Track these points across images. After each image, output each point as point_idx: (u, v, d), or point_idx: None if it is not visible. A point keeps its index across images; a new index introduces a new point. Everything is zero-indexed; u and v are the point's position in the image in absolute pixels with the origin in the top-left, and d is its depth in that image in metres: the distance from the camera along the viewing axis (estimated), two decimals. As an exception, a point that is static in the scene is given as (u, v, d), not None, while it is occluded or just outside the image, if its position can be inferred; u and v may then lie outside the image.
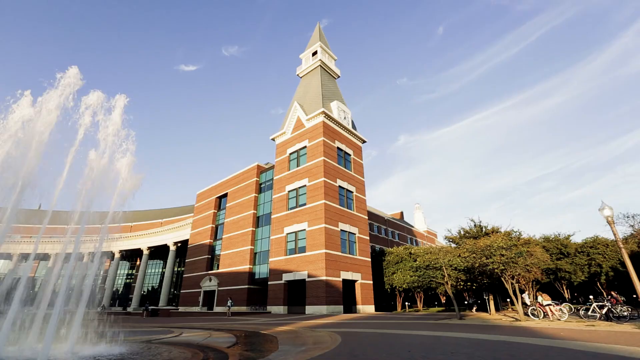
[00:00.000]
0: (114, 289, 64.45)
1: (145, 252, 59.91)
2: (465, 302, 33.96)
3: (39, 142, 7.97)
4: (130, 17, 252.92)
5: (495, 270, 18.17)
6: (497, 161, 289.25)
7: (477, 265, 19.69)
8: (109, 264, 62.32)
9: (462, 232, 32.19)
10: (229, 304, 30.92)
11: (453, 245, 32.09)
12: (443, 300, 42.89)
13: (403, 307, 41.87)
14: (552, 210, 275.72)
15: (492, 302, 23.87)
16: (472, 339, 9.51)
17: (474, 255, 19.89)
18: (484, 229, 30.46)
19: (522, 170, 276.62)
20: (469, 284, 26.41)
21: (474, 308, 26.99)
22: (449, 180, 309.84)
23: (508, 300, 27.95)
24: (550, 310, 17.36)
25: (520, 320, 16.38)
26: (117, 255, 61.73)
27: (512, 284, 18.41)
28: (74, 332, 7.31)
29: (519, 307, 17.37)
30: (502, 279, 18.50)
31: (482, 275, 22.05)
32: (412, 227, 78.68)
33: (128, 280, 69.36)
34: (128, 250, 62.58)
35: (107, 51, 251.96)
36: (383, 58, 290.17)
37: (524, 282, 21.28)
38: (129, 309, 55.27)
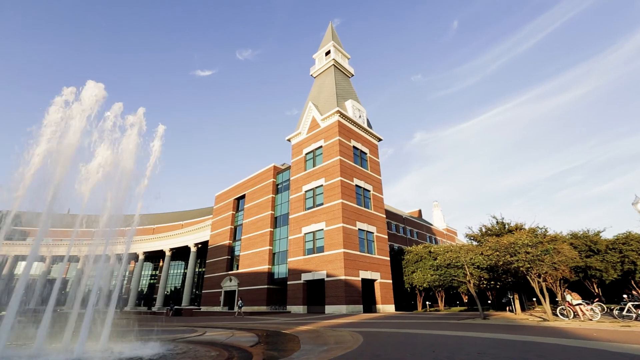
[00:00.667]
0: (139, 289, 66.63)
1: (168, 253, 61.60)
2: (489, 302, 33.06)
3: (68, 151, 8.35)
4: (144, 23, 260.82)
5: (521, 268, 17.59)
6: (517, 156, 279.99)
7: (501, 263, 19.11)
8: (134, 265, 64.49)
9: (483, 230, 31.30)
10: (239, 304, 31.35)
11: (474, 243, 31.27)
12: (465, 299, 41.91)
13: (424, 306, 41.20)
14: (579, 205, 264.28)
15: (517, 302, 23.12)
16: (499, 339, 9.25)
17: (498, 253, 19.31)
18: (506, 226, 29.51)
19: (544, 164, 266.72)
20: (492, 282, 25.69)
21: (508, 308, 25.52)
22: (467, 177, 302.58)
23: (534, 299, 27.02)
24: (581, 310, 16.62)
25: (548, 321, 15.79)
26: (141, 257, 63.79)
27: (538, 282, 17.77)
28: (106, 331, 7.61)
29: (546, 306, 16.75)
30: (528, 277, 17.89)
31: (506, 273, 21.42)
32: (431, 225, 77.31)
33: (152, 281, 71.56)
34: (151, 252, 64.55)
35: (126, 59, 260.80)
36: (397, 55, 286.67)
37: (551, 281, 20.49)
38: (154, 309, 57.03)
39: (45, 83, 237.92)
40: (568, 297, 17.45)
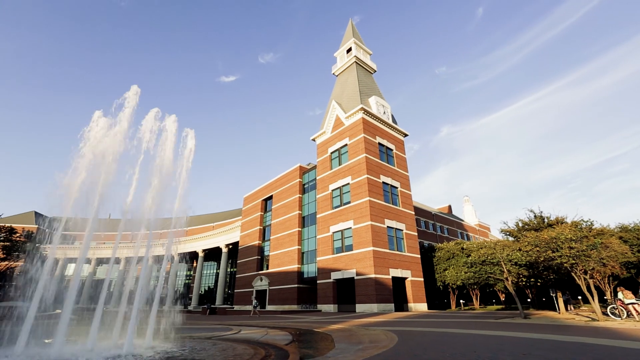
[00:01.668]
0: (175, 289, 69.77)
1: (201, 254, 63.91)
2: (528, 300, 31.37)
3: (110, 161, 8.87)
4: (173, 37, 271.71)
5: (564, 264, 16.54)
6: (552, 147, 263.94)
7: (542, 259, 18.07)
8: (170, 266, 67.52)
9: (520, 225, 29.82)
10: (254, 303, 31.74)
11: (511, 238, 29.87)
12: (502, 297, 40.10)
13: (457, 305, 39.93)
14: (627, 196, 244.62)
15: (560, 300, 21.79)
16: (544, 340, 8.74)
17: (538, 248, 18.28)
18: (545, 220, 27.91)
19: (584, 154, 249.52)
20: (532, 280, 24.39)
21: (569, 306, 23.46)
22: (498, 170, 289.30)
23: (579, 297, 25.37)
24: (635, 309, 15.36)
25: (598, 320, 14.75)
26: (176, 258, 66.67)
27: (585, 279, 16.62)
28: (150, 328, 8.00)
29: (595, 305, 15.64)
30: (573, 274, 16.79)
31: (547, 270, 20.24)
32: (462, 221, 74.69)
33: (187, 281, 74.61)
34: (185, 253, 67.31)
35: (157, 68, 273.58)
36: (419, 48, 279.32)
37: (599, 278, 19.11)
38: (190, 308, 59.41)
39: (76, 85, 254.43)
40: (620, 295, 16.19)
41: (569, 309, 23.28)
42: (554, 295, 22.52)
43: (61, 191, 8.43)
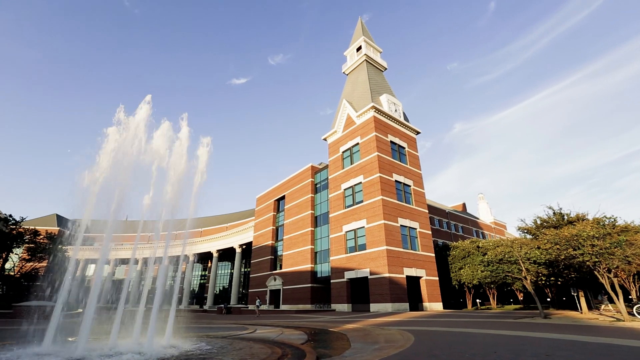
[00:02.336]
0: (191, 289, 71.03)
1: (215, 254, 64.81)
2: (548, 299, 30.54)
3: (127, 166, 9.11)
4: (185, 43, 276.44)
5: (587, 262, 16.01)
6: (571, 141, 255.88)
7: (563, 257, 17.54)
8: (185, 266, 68.74)
9: (538, 222, 29.03)
10: (257, 303, 31.86)
11: (529, 236, 29.12)
12: (520, 297, 39.18)
13: (474, 304, 39.24)
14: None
15: (583, 300, 21.11)
16: (567, 340, 8.48)
17: (558, 246, 17.75)
18: (565, 217, 27.08)
19: (603, 149, 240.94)
20: (552, 279, 23.72)
21: (603, 306, 22.52)
22: (514, 167, 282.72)
23: (605, 296, 24.52)
24: (663, 309, 14.75)
25: (623, 321, 14.22)
26: (191, 259, 67.82)
27: (608, 278, 16.05)
28: (169, 327, 8.16)
29: (620, 304, 15.08)
30: (596, 272, 16.23)
31: (568, 269, 19.64)
32: (477, 219, 73.30)
33: (202, 281, 75.80)
34: (200, 254, 68.45)
35: (168, 72, 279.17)
36: (430, 44, 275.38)
37: (624, 276, 18.43)
38: (205, 307, 60.35)
39: (91, 86, 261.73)
40: (646, 294, 15.58)
41: (602, 308, 22.39)
42: (575, 294, 21.85)
43: (82, 194, 8.69)
